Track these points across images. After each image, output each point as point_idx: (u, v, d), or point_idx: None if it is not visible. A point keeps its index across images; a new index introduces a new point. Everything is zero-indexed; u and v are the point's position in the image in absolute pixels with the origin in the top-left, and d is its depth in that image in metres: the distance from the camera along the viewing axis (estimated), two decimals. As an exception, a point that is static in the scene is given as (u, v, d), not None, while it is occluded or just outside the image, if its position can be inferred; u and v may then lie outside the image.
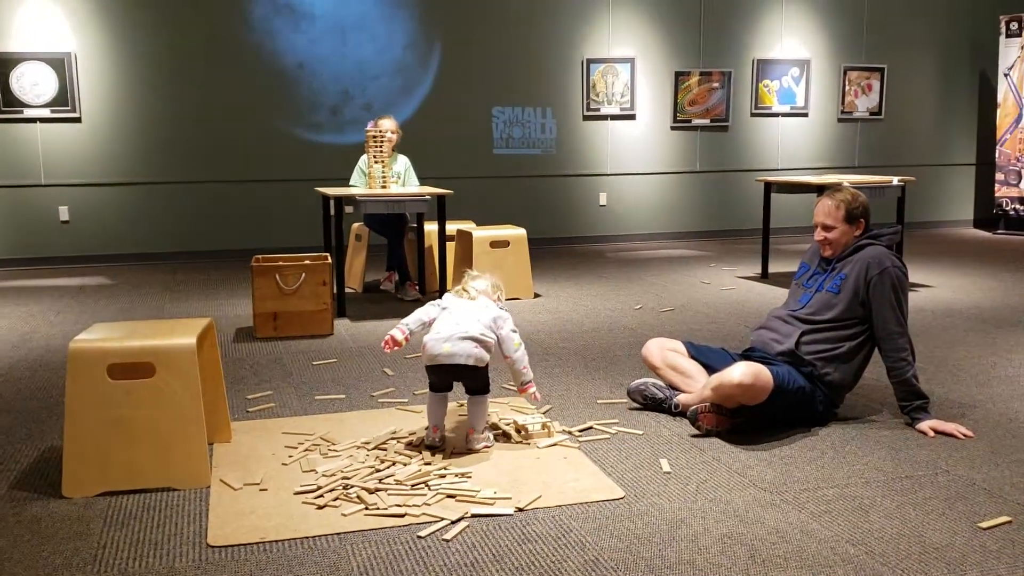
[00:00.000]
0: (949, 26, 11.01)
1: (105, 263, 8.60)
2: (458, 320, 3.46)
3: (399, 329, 3.56)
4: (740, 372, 3.49)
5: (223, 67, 8.69)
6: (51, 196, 8.44)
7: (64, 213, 8.48)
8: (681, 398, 3.86)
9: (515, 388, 4.26)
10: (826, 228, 3.82)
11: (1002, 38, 10.46)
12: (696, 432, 3.63)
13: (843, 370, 3.73)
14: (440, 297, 3.71)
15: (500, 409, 3.94)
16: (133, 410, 3.08)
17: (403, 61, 9.15)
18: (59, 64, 8.27)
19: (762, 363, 3.61)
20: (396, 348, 3.54)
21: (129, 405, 3.08)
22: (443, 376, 3.47)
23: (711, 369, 3.86)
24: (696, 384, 3.85)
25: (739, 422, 3.64)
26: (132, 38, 8.46)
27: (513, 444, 3.54)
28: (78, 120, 8.41)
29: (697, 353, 4.02)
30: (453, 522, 2.85)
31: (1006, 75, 10.43)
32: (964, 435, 3.60)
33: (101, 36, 8.39)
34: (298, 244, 8.52)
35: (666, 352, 4.01)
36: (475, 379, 3.46)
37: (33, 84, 8.23)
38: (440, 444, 3.48)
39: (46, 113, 8.30)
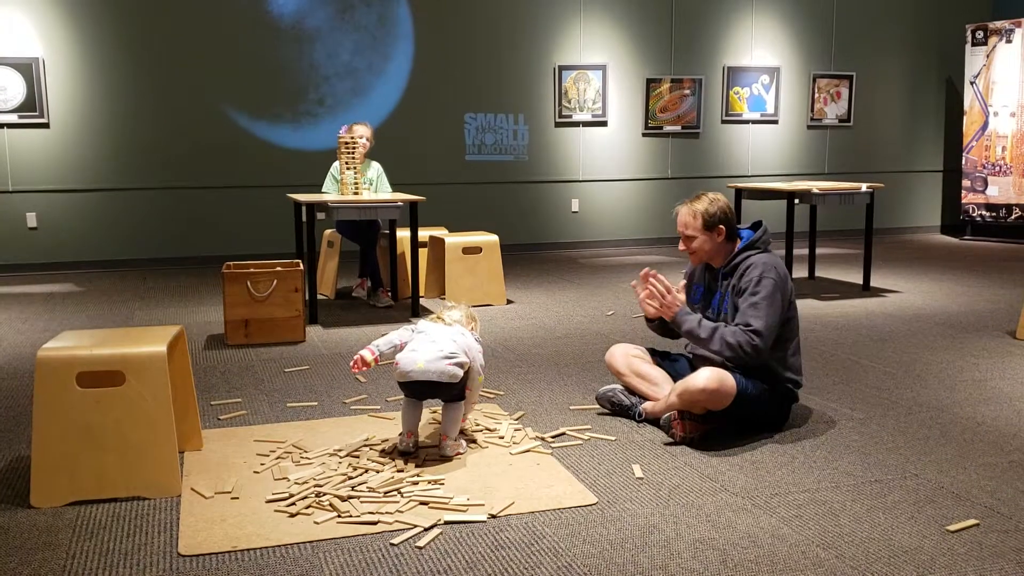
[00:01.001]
0: (916, 34, 11.14)
1: (74, 270, 8.51)
2: (435, 339, 3.46)
3: (369, 350, 3.52)
4: (704, 377, 3.52)
5: (192, 73, 8.63)
6: (19, 203, 8.34)
7: (32, 220, 8.39)
8: (646, 406, 3.86)
9: (489, 394, 4.27)
10: (687, 239, 3.80)
11: (968, 46, 10.60)
12: (670, 440, 3.65)
13: (781, 371, 3.73)
14: (413, 315, 3.69)
15: (472, 415, 3.94)
16: (102, 418, 3.06)
17: (374, 68, 9.13)
18: (27, 69, 8.18)
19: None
20: (364, 369, 3.50)
21: (98, 413, 3.05)
22: (416, 390, 3.46)
23: (676, 376, 3.87)
24: (661, 391, 3.85)
25: (711, 428, 3.66)
26: (100, 43, 8.39)
27: (486, 450, 3.54)
28: (46, 126, 8.33)
29: (662, 360, 4.03)
30: (426, 529, 2.85)
31: (972, 83, 10.58)
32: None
33: (69, 41, 8.32)
34: (270, 251, 8.48)
35: (630, 358, 4.00)
36: (449, 392, 3.46)
37: (0, 89, 8.14)
38: (413, 450, 3.47)
39: (13, 119, 8.21)
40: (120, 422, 3.07)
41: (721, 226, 3.75)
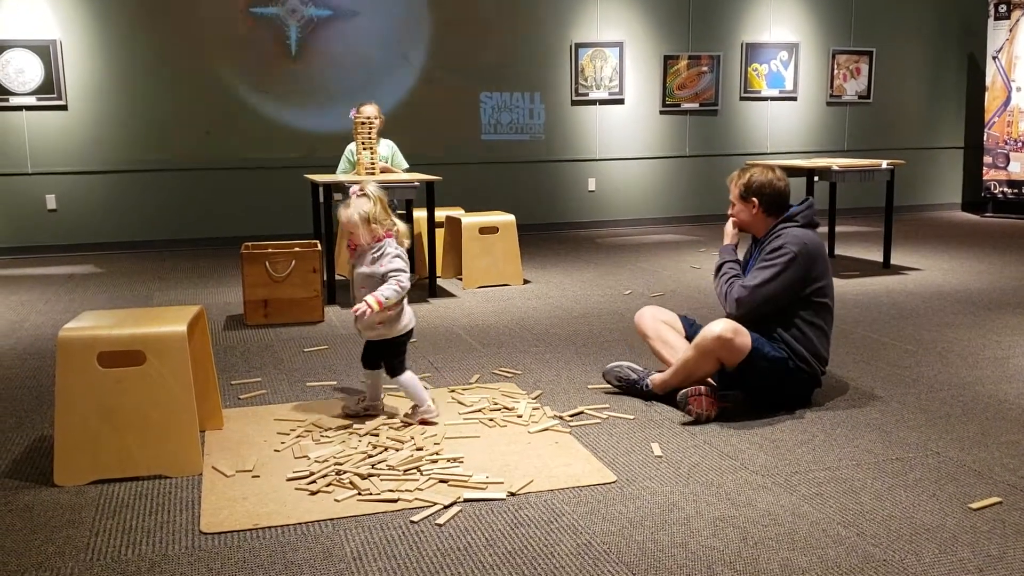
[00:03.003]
0: (938, 9, 11.00)
1: (93, 251, 8.55)
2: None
3: (378, 301, 3.49)
4: (721, 326, 3.55)
5: (210, 53, 8.63)
6: (38, 184, 8.38)
7: (51, 201, 8.43)
8: (654, 378, 3.85)
9: (507, 373, 4.28)
10: (731, 203, 3.92)
11: (991, 20, 10.46)
12: (688, 419, 3.63)
13: (802, 350, 3.69)
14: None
15: (491, 394, 3.94)
16: (124, 398, 3.08)
17: (391, 47, 9.10)
18: (44, 51, 8.20)
19: None
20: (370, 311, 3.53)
21: (120, 393, 3.07)
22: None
23: None
24: None
25: (728, 406, 3.65)
26: (118, 24, 8.39)
27: (505, 429, 3.55)
28: (64, 108, 8.35)
29: (691, 330, 3.99)
30: (446, 507, 2.86)
31: (995, 58, 10.45)
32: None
33: (87, 23, 8.32)
34: (287, 231, 8.49)
35: (659, 323, 4.01)
36: None
37: (18, 71, 8.16)
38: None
39: (32, 101, 8.23)
40: (141, 402, 3.09)
41: (755, 199, 3.79)
